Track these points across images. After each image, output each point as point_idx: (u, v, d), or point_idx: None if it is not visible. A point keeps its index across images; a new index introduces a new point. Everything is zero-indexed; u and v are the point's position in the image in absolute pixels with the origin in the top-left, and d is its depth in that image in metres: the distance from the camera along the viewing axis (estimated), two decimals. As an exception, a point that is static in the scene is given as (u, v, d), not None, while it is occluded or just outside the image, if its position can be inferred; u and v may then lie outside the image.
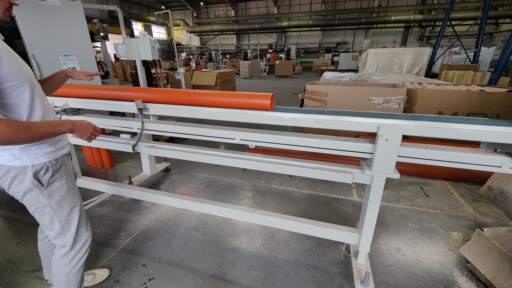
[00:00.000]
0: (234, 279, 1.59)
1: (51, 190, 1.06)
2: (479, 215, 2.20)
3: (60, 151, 1.09)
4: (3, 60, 0.86)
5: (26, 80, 0.95)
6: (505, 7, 17.22)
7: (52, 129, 0.94)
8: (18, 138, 0.86)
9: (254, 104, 1.42)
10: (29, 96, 0.96)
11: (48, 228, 1.14)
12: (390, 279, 1.58)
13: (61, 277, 1.19)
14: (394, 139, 1.16)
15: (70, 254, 1.18)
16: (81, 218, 1.19)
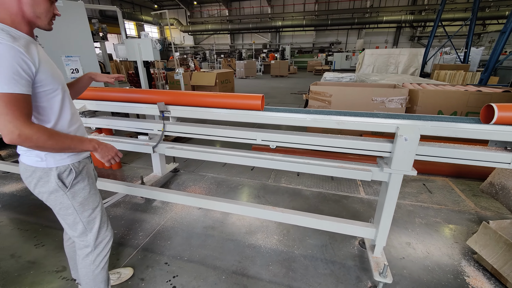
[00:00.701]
0: (256, 274, 1.65)
1: (74, 191, 1.09)
2: (480, 209, 2.33)
3: (83, 154, 1.14)
4: (42, 67, 0.92)
5: (59, 85, 1.01)
6: (492, 9, 17.81)
7: (78, 144, 0.99)
8: (48, 145, 0.90)
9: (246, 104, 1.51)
10: (60, 101, 1.02)
11: (71, 228, 1.17)
12: (404, 271, 1.67)
13: (87, 275, 1.24)
14: (413, 138, 1.25)
15: (93, 253, 1.22)
16: (102, 218, 1.22)
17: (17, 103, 0.83)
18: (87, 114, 1.85)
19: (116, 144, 1.93)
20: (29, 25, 0.95)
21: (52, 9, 0.98)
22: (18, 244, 1.92)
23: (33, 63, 0.87)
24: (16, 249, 1.86)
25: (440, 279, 1.61)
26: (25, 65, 0.85)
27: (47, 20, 0.97)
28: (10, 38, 0.84)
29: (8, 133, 0.82)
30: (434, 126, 1.30)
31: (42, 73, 0.92)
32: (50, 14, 0.97)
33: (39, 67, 0.90)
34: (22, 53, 0.84)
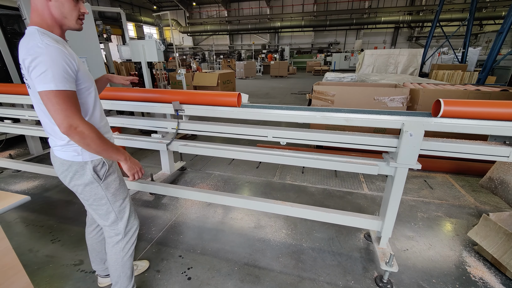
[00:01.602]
0: (267, 266, 1.72)
1: (107, 183, 1.17)
2: (480, 204, 2.41)
3: None
4: (81, 65, 1.01)
5: (92, 83, 1.10)
6: (489, 9, 18.00)
7: (114, 152, 1.06)
8: (93, 144, 0.97)
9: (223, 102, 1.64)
10: (93, 98, 1.10)
11: (103, 218, 1.24)
12: (408, 261, 1.75)
13: (117, 262, 1.31)
14: (417, 134, 1.32)
15: (123, 241, 1.29)
16: (131, 208, 1.31)
17: (71, 99, 0.93)
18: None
19: (131, 142, 2.00)
20: (60, 28, 1.01)
21: (78, 8, 1.01)
22: (35, 240, 1.98)
23: (75, 63, 0.96)
24: (34, 244, 1.93)
25: (443, 269, 1.69)
26: (72, 65, 0.94)
27: (74, 19, 1.01)
28: (54, 41, 0.91)
29: (66, 126, 0.92)
30: (437, 123, 1.37)
31: (81, 71, 1.00)
32: (75, 13, 1.00)
33: (78, 67, 0.98)
34: (66, 54, 0.92)
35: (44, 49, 0.87)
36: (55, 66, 0.88)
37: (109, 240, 1.30)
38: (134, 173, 1.15)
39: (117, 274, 1.33)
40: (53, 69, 0.88)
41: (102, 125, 1.16)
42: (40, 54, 0.87)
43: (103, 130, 1.16)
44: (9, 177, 2.98)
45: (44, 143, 3.89)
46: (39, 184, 2.81)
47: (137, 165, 1.17)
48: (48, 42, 0.89)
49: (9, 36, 3.58)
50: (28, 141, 3.43)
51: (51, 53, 0.88)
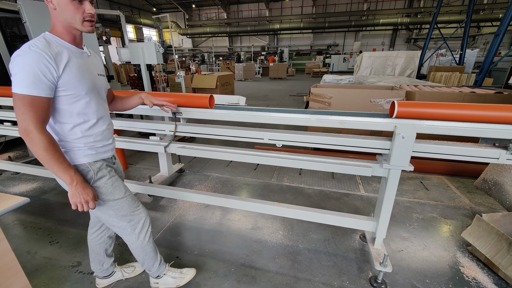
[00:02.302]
0: (263, 266, 1.74)
1: (97, 186, 1.16)
2: (474, 205, 2.44)
3: (102, 155, 1.20)
4: (67, 73, 0.99)
5: (83, 92, 1.06)
6: (486, 11, 18.14)
7: (59, 172, 1.01)
8: (38, 155, 0.97)
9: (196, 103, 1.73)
10: (83, 106, 1.08)
11: (103, 219, 1.27)
12: (402, 262, 1.77)
13: (137, 249, 1.38)
14: (409, 136, 1.35)
15: (134, 234, 1.33)
16: (132, 205, 1.28)
17: (33, 105, 0.93)
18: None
19: (130, 145, 2.02)
20: (71, 34, 1.02)
21: (82, 10, 0.98)
22: (33, 242, 1.99)
23: (56, 70, 0.95)
24: (32, 246, 1.94)
25: (437, 269, 1.71)
26: (47, 71, 0.93)
27: (78, 22, 0.99)
28: (43, 46, 0.93)
29: (21, 129, 0.95)
30: (429, 125, 1.40)
31: (66, 79, 0.99)
32: (79, 16, 0.98)
33: (62, 74, 0.97)
34: (47, 59, 0.92)
35: (23, 53, 0.91)
36: (26, 70, 0.90)
37: (120, 235, 1.33)
38: (76, 202, 1.06)
39: (141, 257, 1.41)
40: (23, 73, 0.90)
41: (95, 133, 1.14)
42: (18, 56, 0.91)
43: (94, 138, 1.15)
44: (8, 179, 2.99)
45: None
46: (37, 186, 2.83)
47: (86, 195, 1.06)
48: (34, 47, 0.91)
49: (9, 39, 3.60)
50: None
51: (27, 57, 0.90)
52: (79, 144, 1.11)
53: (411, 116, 1.41)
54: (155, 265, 1.47)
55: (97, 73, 1.17)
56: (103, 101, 1.21)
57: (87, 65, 1.10)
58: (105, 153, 1.22)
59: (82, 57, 1.08)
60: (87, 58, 1.12)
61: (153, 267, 1.47)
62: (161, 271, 1.51)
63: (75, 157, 1.11)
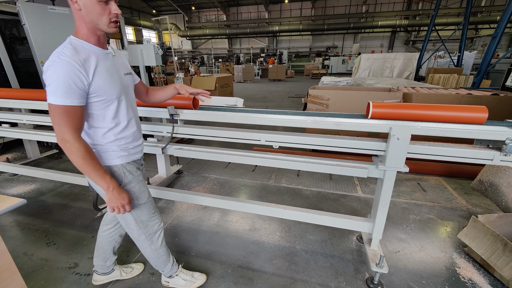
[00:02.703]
0: (260, 268, 1.74)
1: (127, 189, 1.19)
2: (471, 206, 2.45)
3: (133, 156, 1.23)
4: (96, 79, 0.99)
5: (114, 95, 1.07)
6: (484, 14, 18.26)
7: (97, 178, 1.04)
8: (76, 163, 1.00)
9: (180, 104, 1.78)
10: (114, 109, 1.10)
11: (121, 221, 1.28)
12: (399, 263, 1.78)
13: (150, 253, 1.40)
14: (404, 138, 1.36)
15: (148, 239, 1.35)
16: (150, 211, 1.31)
17: (68, 114, 0.95)
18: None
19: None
20: (95, 35, 1.01)
21: (108, 11, 0.97)
22: (30, 243, 1.99)
23: (86, 77, 0.95)
24: (28, 248, 1.94)
25: (433, 270, 1.71)
26: (78, 80, 0.94)
27: (105, 24, 0.98)
28: (71, 53, 0.93)
29: (59, 138, 0.98)
30: (424, 127, 1.41)
31: (96, 85, 1.00)
32: (105, 17, 0.97)
33: (92, 80, 0.98)
34: (77, 68, 0.92)
35: (54, 63, 0.91)
36: (58, 81, 0.91)
37: (135, 239, 1.35)
38: (114, 207, 1.10)
39: (153, 260, 1.44)
40: (56, 84, 0.91)
41: (125, 136, 1.16)
42: (49, 67, 0.92)
43: (126, 140, 1.17)
44: (5, 181, 2.99)
45: (42, 146, 3.91)
46: (35, 188, 2.83)
47: (122, 199, 1.10)
48: (63, 55, 0.91)
49: (8, 42, 3.62)
50: (25, 145, 3.45)
51: (57, 67, 0.91)
52: (112, 146, 1.14)
53: (385, 116, 1.46)
54: (167, 266, 1.49)
55: (124, 72, 1.16)
56: (132, 101, 1.22)
57: (114, 67, 1.09)
58: (136, 154, 1.24)
59: (108, 58, 1.07)
60: (112, 58, 1.11)
61: (166, 268, 1.49)
62: (174, 272, 1.54)
63: (108, 158, 1.14)
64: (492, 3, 18.67)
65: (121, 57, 1.21)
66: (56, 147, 3.89)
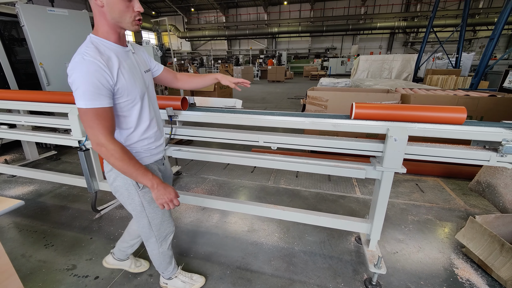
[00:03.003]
0: (259, 269, 1.74)
1: (145, 191, 1.18)
2: (469, 206, 2.45)
3: (155, 157, 1.23)
4: (120, 79, 0.97)
5: (137, 95, 1.05)
6: (481, 16, 18.38)
7: (139, 177, 1.01)
8: (115, 165, 0.99)
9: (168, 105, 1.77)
10: (138, 110, 1.07)
11: (137, 220, 1.27)
12: (397, 264, 1.78)
13: (156, 255, 1.41)
14: (401, 139, 1.37)
15: (157, 242, 1.35)
16: (165, 214, 1.31)
17: (100, 116, 0.92)
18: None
19: (124, 147, 2.02)
20: (116, 32, 0.99)
21: (131, 8, 0.94)
22: (28, 245, 1.99)
23: (111, 77, 0.93)
24: (26, 249, 1.93)
25: (431, 271, 1.72)
26: (105, 80, 0.90)
27: (128, 22, 0.96)
28: (94, 53, 0.90)
29: (93, 143, 0.95)
30: (421, 128, 1.42)
31: (121, 85, 0.97)
32: (129, 15, 0.94)
33: (117, 81, 0.95)
34: (102, 68, 0.89)
35: (78, 64, 0.88)
36: (85, 83, 0.87)
37: (144, 238, 1.35)
38: (162, 203, 1.07)
39: (157, 262, 1.44)
40: (83, 87, 0.87)
41: (148, 136, 1.15)
42: (74, 70, 0.88)
43: (148, 141, 1.16)
44: (4, 182, 2.99)
45: (40, 148, 3.91)
46: (33, 189, 2.83)
47: (169, 194, 1.06)
48: (87, 55, 0.88)
49: (7, 43, 3.62)
50: (24, 146, 3.45)
51: (83, 68, 0.87)
52: (136, 147, 1.13)
53: (367, 117, 1.50)
54: (168, 269, 1.50)
55: (144, 70, 1.14)
56: (153, 99, 1.20)
57: (135, 65, 1.07)
58: (157, 154, 1.24)
59: (129, 56, 1.05)
60: (132, 55, 1.08)
61: (167, 271, 1.50)
62: (173, 274, 1.54)
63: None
64: (490, 5, 18.78)
65: (141, 54, 1.18)
66: (55, 148, 3.88)
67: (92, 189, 2.18)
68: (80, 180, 2.36)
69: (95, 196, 2.24)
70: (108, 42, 0.98)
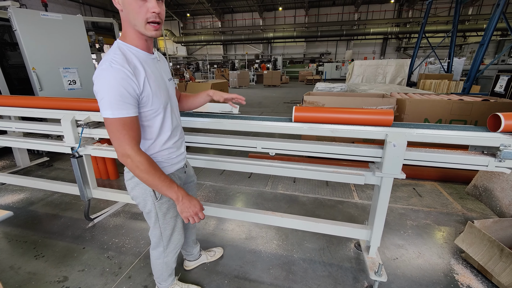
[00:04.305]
0: (257, 278, 1.70)
1: (161, 202, 1.17)
2: (467, 211, 2.46)
3: (176, 165, 1.21)
4: (145, 88, 0.94)
5: (161, 105, 1.02)
6: (471, 22, 18.88)
7: (164, 189, 0.99)
8: (140, 177, 0.96)
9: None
10: (161, 120, 1.05)
11: (151, 227, 1.27)
12: (398, 270, 1.76)
13: (160, 265, 1.37)
14: (400, 144, 1.36)
15: (164, 253, 1.33)
16: (177, 226, 1.29)
17: (126, 127, 0.89)
18: (91, 125, 1.91)
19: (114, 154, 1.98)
20: (142, 39, 0.94)
21: (144, 9, 0.85)
22: (17, 256, 1.91)
23: (137, 86, 0.90)
24: (15, 261, 1.86)
25: (432, 278, 1.70)
26: (131, 88, 0.88)
27: (141, 24, 0.88)
28: (122, 60, 0.87)
29: (119, 154, 0.93)
30: (419, 134, 1.42)
31: (146, 94, 0.94)
32: (141, 16, 0.87)
33: (143, 90, 0.92)
34: (129, 76, 0.87)
35: (104, 72, 0.85)
36: (111, 91, 0.84)
37: (152, 245, 1.34)
38: (188, 217, 1.04)
39: (159, 272, 1.40)
40: (109, 96, 0.84)
41: (168, 146, 1.12)
42: (100, 78, 0.85)
43: (169, 151, 1.14)
44: (-6, 190, 2.89)
45: (32, 154, 3.82)
46: (24, 198, 2.74)
47: (194, 207, 1.03)
48: (115, 63, 0.85)
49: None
50: (15, 153, 3.36)
51: (109, 77, 0.84)
52: (157, 156, 1.11)
53: (305, 120, 1.53)
54: (167, 281, 1.46)
55: (167, 78, 1.12)
56: (175, 108, 1.17)
57: (159, 73, 1.04)
58: (178, 163, 1.21)
59: (154, 64, 1.02)
60: (157, 63, 1.05)
61: (165, 282, 1.46)
62: (169, 284, 1.49)
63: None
64: (479, 12, 19.33)
65: (164, 62, 1.15)
66: (47, 155, 3.80)
67: (85, 197, 2.12)
68: (73, 187, 2.29)
69: (88, 204, 2.18)
70: (135, 48, 0.94)
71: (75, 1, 17.00)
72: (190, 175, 1.43)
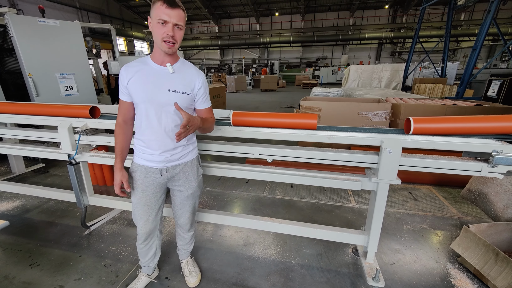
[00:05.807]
0: (255, 285, 1.70)
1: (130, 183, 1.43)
2: (462, 214, 2.49)
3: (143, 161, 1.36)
4: (132, 83, 1.23)
5: (141, 100, 1.24)
6: (463, 27, 19.26)
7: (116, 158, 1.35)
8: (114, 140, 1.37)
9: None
10: (139, 113, 1.29)
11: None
12: (395, 275, 1.77)
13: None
14: (395, 151, 1.38)
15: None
16: (136, 217, 1.47)
17: (120, 105, 1.31)
18: (88, 132, 1.90)
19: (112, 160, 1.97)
20: (160, 54, 1.21)
21: (163, 30, 1.12)
22: (12, 265, 1.88)
23: (127, 80, 1.23)
24: (10, 270, 1.83)
25: (428, 282, 1.71)
26: (124, 81, 1.24)
27: (159, 41, 1.16)
28: (137, 63, 1.24)
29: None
30: (414, 140, 1.44)
31: (130, 88, 1.23)
32: (160, 36, 1.14)
33: (128, 83, 1.23)
34: (127, 72, 1.23)
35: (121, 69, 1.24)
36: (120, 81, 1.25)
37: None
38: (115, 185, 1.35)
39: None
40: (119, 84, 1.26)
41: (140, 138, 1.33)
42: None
43: (138, 143, 1.34)
44: (-12, 198, 2.86)
45: (27, 160, 3.78)
46: (19, 205, 2.71)
47: (114, 180, 1.35)
48: (131, 64, 1.23)
49: (-5, 53, 3.54)
50: (10, 159, 3.33)
51: (121, 71, 1.24)
52: (134, 141, 1.38)
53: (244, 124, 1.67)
54: (141, 262, 1.64)
55: (168, 88, 1.23)
56: (163, 115, 1.25)
57: (155, 79, 1.22)
58: (147, 161, 1.34)
59: (156, 74, 1.23)
60: (166, 75, 1.24)
61: (141, 263, 1.64)
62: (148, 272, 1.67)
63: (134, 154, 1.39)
64: (470, 17, 19.75)
65: (182, 76, 1.27)
66: (43, 161, 3.76)
67: (82, 204, 2.11)
68: (69, 194, 2.28)
69: (85, 211, 2.16)
70: (149, 59, 1.25)
71: (73, 6, 17.05)
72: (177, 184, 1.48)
